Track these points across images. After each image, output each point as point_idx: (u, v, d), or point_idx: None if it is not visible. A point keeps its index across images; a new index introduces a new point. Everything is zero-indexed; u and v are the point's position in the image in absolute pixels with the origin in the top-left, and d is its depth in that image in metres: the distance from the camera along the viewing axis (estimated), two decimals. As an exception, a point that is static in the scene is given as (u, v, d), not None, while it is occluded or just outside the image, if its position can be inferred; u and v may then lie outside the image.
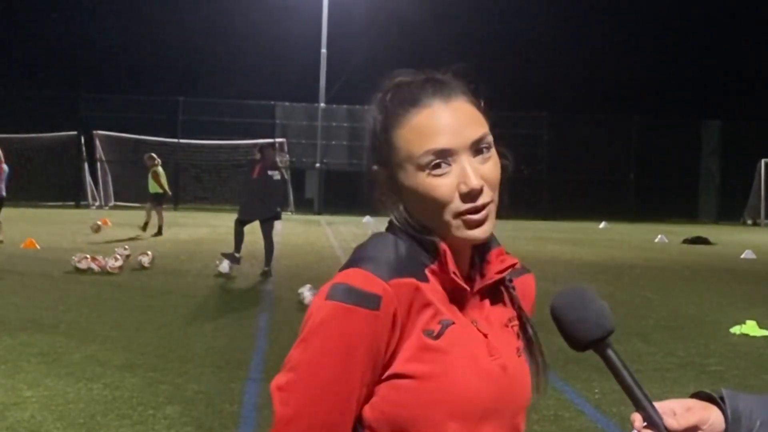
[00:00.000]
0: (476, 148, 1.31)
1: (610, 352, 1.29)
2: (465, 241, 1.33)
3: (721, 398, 1.32)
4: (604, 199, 36.40)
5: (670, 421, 1.26)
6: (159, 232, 19.67)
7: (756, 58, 45.97)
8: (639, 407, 1.26)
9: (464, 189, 1.29)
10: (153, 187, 20.60)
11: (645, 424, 1.26)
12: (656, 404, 1.27)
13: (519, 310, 1.45)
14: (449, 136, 1.29)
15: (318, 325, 1.27)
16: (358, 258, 1.32)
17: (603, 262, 16.99)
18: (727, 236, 26.27)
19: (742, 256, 18.96)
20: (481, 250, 1.40)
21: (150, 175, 20.65)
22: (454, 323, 1.31)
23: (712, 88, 45.30)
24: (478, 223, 1.31)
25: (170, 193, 21.31)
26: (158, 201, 20.62)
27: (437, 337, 1.29)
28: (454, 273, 1.31)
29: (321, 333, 1.26)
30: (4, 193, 16.94)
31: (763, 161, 35.48)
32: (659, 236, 24.18)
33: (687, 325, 9.65)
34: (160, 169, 20.79)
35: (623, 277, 14.30)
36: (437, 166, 1.29)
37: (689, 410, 1.29)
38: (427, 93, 1.32)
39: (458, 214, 1.30)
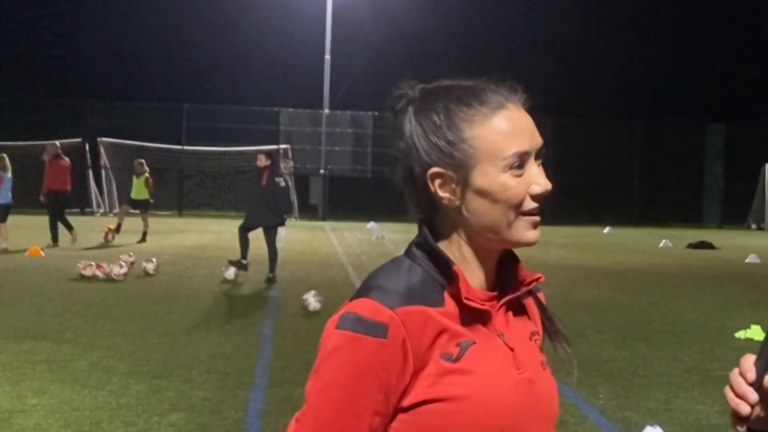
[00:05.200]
0: (538, 154, 1.34)
1: None
2: (519, 243, 1.34)
3: None
4: (608, 204, 36.33)
5: None
6: (143, 239, 19.62)
7: (760, 62, 45.91)
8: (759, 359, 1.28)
9: (538, 190, 1.31)
10: (142, 194, 20.54)
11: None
12: None
13: (543, 312, 1.47)
14: (529, 138, 1.32)
15: (328, 354, 1.28)
16: (368, 286, 1.32)
17: (607, 267, 16.97)
18: (732, 240, 26.21)
19: (747, 261, 18.93)
20: (506, 263, 1.40)
21: (143, 182, 20.62)
22: (474, 343, 1.31)
23: (716, 92, 45.20)
24: (537, 224, 1.34)
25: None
26: (147, 207, 20.66)
27: (457, 359, 1.29)
28: (467, 298, 1.31)
29: (330, 362, 1.28)
30: (11, 201, 16.95)
31: (767, 165, 35.41)
32: (663, 241, 24.14)
33: (691, 329, 9.64)
34: None
35: (627, 282, 14.28)
36: (519, 166, 1.31)
37: None
38: (499, 96, 1.34)
39: (526, 213, 1.32)
